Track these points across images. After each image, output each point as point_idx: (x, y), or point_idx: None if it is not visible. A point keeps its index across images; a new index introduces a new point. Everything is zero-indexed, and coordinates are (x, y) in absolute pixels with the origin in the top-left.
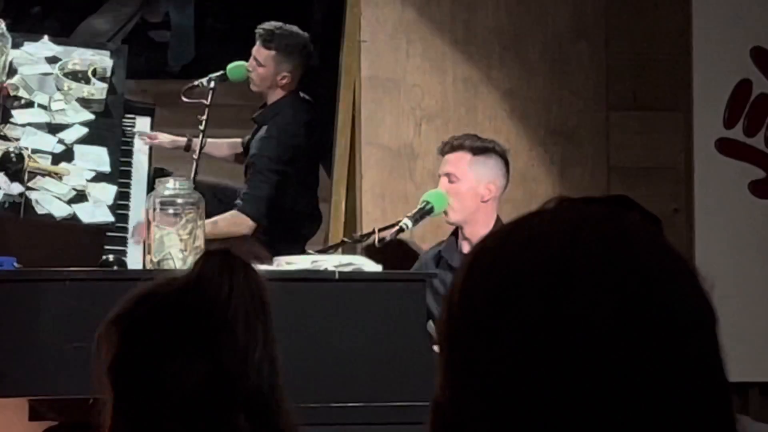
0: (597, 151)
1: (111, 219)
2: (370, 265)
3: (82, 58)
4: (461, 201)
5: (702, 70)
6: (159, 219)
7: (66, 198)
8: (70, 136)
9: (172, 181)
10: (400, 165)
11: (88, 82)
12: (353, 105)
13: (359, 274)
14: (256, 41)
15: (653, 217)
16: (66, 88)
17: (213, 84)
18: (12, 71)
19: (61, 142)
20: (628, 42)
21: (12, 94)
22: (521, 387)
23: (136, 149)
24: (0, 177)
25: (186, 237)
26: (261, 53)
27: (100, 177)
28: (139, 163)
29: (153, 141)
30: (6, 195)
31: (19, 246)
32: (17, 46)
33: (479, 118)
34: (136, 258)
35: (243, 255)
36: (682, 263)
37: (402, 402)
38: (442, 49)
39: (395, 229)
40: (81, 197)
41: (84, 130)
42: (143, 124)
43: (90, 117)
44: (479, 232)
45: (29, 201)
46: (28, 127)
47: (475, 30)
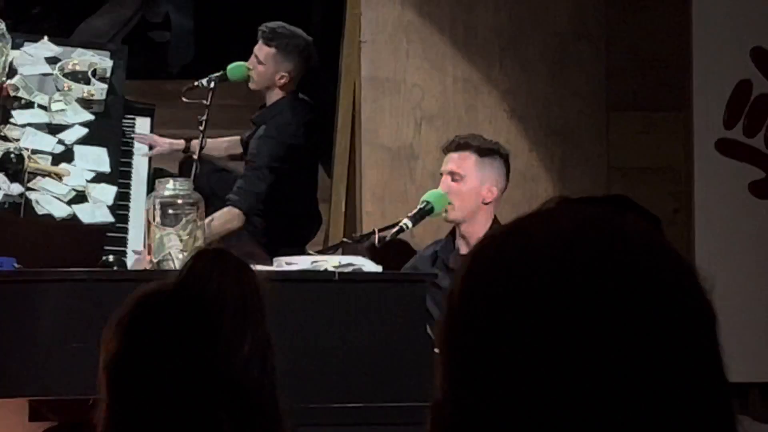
0: (597, 151)
1: (111, 219)
2: (370, 266)
3: (82, 58)
4: (463, 200)
5: (702, 70)
6: (159, 219)
7: (66, 198)
8: (70, 136)
9: (172, 182)
10: (400, 165)
11: (88, 82)
12: (353, 105)
13: (359, 274)
14: (258, 39)
15: (653, 217)
16: (66, 88)
17: (213, 84)
18: (12, 72)
19: (61, 142)
20: (628, 42)
21: (12, 94)
22: (521, 387)
23: (136, 150)
24: (0, 177)
25: (186, 237)
26: (262, 51)
27: (100, 177)
28: (139, 164)
29: (151, 152)
30: (6, 195)
31: (19, 246)
32: (17, 46)
33: (479, 118)
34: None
35: (238, 254)
36: (681, 263)
37: (402, 402)
38: (442, 50)
39: (395, 230)
40: (81, 198)
41: (84, 130)
42: (143, 124)
43: (90, 117)
44: (476, 232)
45: (29, 201)
46: (28, 128)
47: (475, 30)
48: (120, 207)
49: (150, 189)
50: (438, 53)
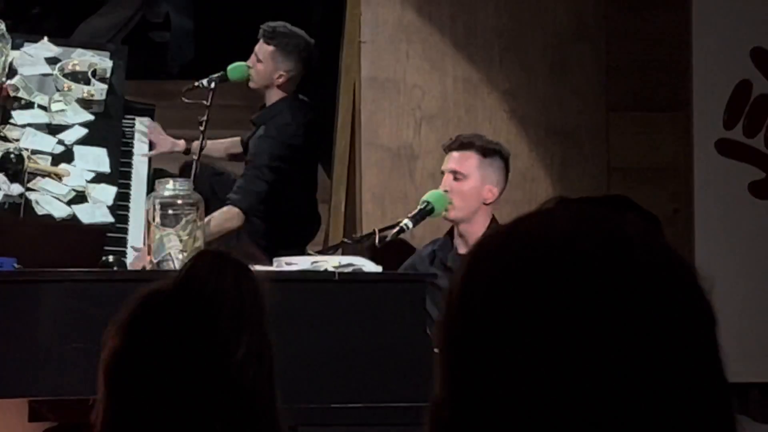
0: (597, 152)
1: (111, 220)
2: (370, 266)
3: (81, 59)
4: (464, 200)
5: (702, 70)
6: (159, 220)
7: (66, 199)
8: (69, 136)
9: (171, 182)
10: (400, 165)
11: (87, 82)
12: (353, 106)
13: (359, 275)
14: (259, 38)
15: (652, 218)
16: (66, 88)
17: (213, 84)
18: (12, 72)
19: (61, 142)
20: (628, 42)
21: (12, 95)
22: (520, 387)
23: (136, 150)
24: (0, 178)
25: (186, 238)
26: (261, 49)
27: (99, 178)
28: (139, 164)
29: (152, 152)
30: (6, 196)
31: (19, 247)
32: (17, 47)
33: (479, 118)
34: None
35: (238, 256)
36: (680, 263)
37: (402, 403)
38: (442, 50)
39: (395, 230)
40: (81, 198)
41: (84, 130)
42: (143, 124)
43: (90, 118)
44: (475, 232)
45: (29, 202)
46: (27, 128)
47: (475, 30)
48: (120, 207)
49: (150, 189)
50: (438, 53)
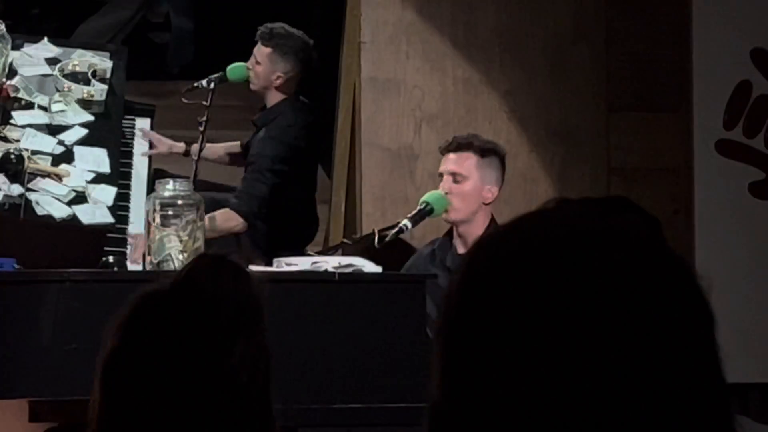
0: (597, 152)
1: (111, 220)
2: (370, 267)
3: (81, 59)
4: (465, 201)
5: (702, 71)
6: (159, 220)
7: (66, 199)
8: (70, 137)
9: (172, 183)
10: (400, 166)
11: (87, 83)
12: (353, 106)
13: (359, 275)
14: (257, 39)
15: (652, 219)
16: (66, 89)
17: (213, 85)
18: (12, 73)
19: (61, 143)
20: (628, 43)
21: (12, 95)
22: (519, 387)
23: (135, 150)
24: (0, 178)
25: (186, 238)
26: (259, 51)
27: (99, 178)
28: (139, 164)
29: (152, 151)
30: (6, 196)
31: (19, 247)
32: (17, 47)
33: (479, 119)
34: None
35: (237, 259)
36: (678, 263)
37: (402, 403)
38: (442, 50)
39: (395, 230)
40: (81, 198)
41: (84, 131)
42: (143, 125)
43: (90, 118)
44: (474, 232)
45: (29, 202)
46: (28, 129)
47: (476, 31)
48: (120, 208)
49: (150, 190)
50: (438, 54)
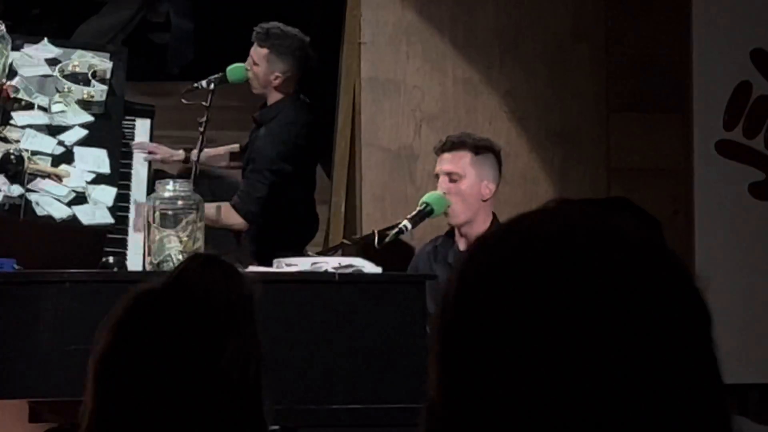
0: (597, 153)
1: (111, 221)
2: (369, 267)
3: (82, 60)
4: (464, 200)
5: (702, 71)
6: (159, 221)
7: (66, 200)
8: (70, 137)
9: (171, 183)
10: (400, 166)
11: (87, 84)
12: (353, 107)
13: (359, 275)
14: (253, 41)
15: (652, 219)
16: (66, 89)
17: (212, 86)
18: (12, 73)
19: (61, 143)
20: (628, 44)
21: (12, 96)
22: (516, 387)
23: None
24: (0, 179)
25: (186, 239)
26: (256, 52)
27: (99, 179)
28: (139, 165)
29: (152, 156)
30: (6, 197)
31: (19, 248)
32: (17, 48)
33: (479, 119)
34: (136, 260)
35: (229, 259)
36: (675, 262)
37: (402, 404)
38: (442, 51)
39: (395, 231)
40: (81, 199)
41: (84, 131)
42: (143, 125)
43: (90, 119)
44: (477, 231)
45: (29, 203)
46: (28, 129)
47: (476, 31)
48: (120, 208)
49: (150, 190)
50: (438, 54)
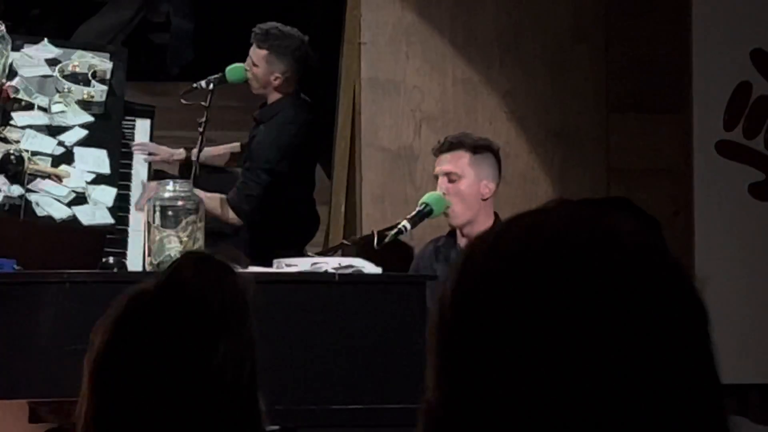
0: (597, 153)
1: (111, 221)
2: (369, 267)
3: (81, 60)
4: (464, 200)
5: (702, 72)
6: (159, 221)
7: (66, 200)
8: (70, 138)
9: (171, 183)
10: (399, 167)
11: (87, 84)
12: (353, 107)
13: (359, 276)
14: (251, 42)
15: (652, 220)
16: (66, 90)
17: (212, 86)
18: (12, 74)
19: (61, 144)
20: (627, 44)
21: (12, 96)
22: (515, 387)
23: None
24: (0, 179)
25: (186, 239)
26: (255, 53)
27: (99, 179)
28: (139, 166)
29: (152, 158)
30: (6, 197)
31: (19, 248)
32: (17, 48)
33: (479, 119)
34: (136, 260)
35: (222, 257)
36: (671, 262)
37: (402, 404)
38: (442, 51)
39: (394, 231)
40: (81, 199)
41: (84, 132)
42: (143, 126)
43: (90, 119)
44: (478, 230)
45: (29, 203)
46: (28, 130)
47: (475, 32)
48: (120, 209)
49: None
50: (438, 55)
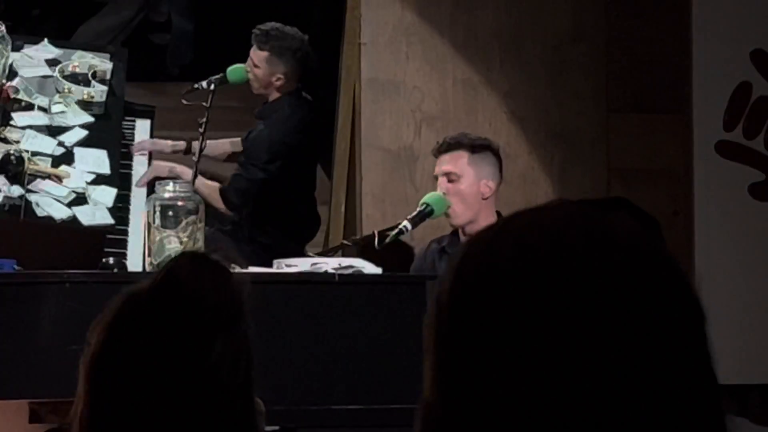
0: (597, 154)
1: (111, 221)
2: (370, 268)
3: (82, 60)
4: (464, 200)
5: (702, 72)
6: (159, 221)
7: (66, 200)
8: (70, 138)
9: (171, 184)
10: (400, 167)
11: (88, 84)
12: (353, 107)
13: (359, 276)
14: (252, 43)
15: (652, 220)
16: (66, 90)
17: (213, 86)
18: (12, 74)
19: (61, 144)
20: (628, 44)
21: (12, 96)
22: (511, 386)
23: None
24: (0, 179)
25: (186, 239)
26: (256, 55)
27: (100, 179)
28: (140, 166)
29: (152, 146)
30: (6, 197)
31: (19, 248)
32: (17, 48)
33: (479, 120)
34: (136, 261)
35: (218, 257)
36: (668, 261)
37: (403, 404)
38: (442, 51)
39: (395, 232)
40: (81, 200)
41: (84, 132)
42: (143, 126)
43: (90, 119)
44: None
45: (29, 203)
46: (28, 130)
47: (476, 32)
48: (120, 209)
49: (150, 191)
50: (438, 55)
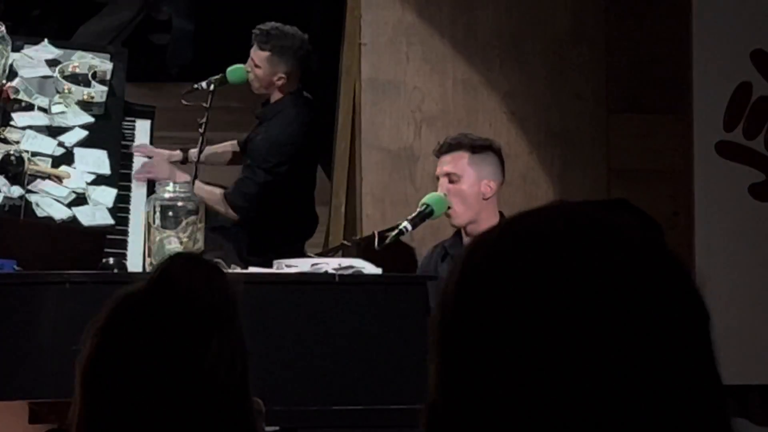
0: (597, 154)
1: (111, 222)
2: (370, 268)
3: (82, 61)
4: (464, 200)
5: (702, 72)
6: (159, 222)
7: (66, 201)
8: (70, 138)
9: (171, 185)
10: (400, 168)
11: (88, 85)
12: (353, 107)
13: (359, 276)
14: (252, 43)
15: (653, 221)
16: (66, 90)
17: (212, 87)
18: (12, 74)
19: (61, 145)
20: (628, 44)
21: (12, 97)
22: (516, 386)
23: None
24: (0, 180)
25: (186, 240)
26: (257, 55)
27: (100, 180)
28: (139, 166)
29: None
30: (6, 198)
31: (20, 249)
32: (17, 49)
33: (479, 120)
34: (136, 261)
35: (211, 258)
36: (672, 262)
37: (403, 405)
38: (442, 52)
39: (395, 232)
40: (81, 200)
41: (84, 132)
42: (143, 126)
43: (90, 120)
44: (482, 230)
45: (29, 204)
46: (28, 130)
47: (475, 32)
48: (120, 209)
49: (150, 192)
50: (438, 55)
